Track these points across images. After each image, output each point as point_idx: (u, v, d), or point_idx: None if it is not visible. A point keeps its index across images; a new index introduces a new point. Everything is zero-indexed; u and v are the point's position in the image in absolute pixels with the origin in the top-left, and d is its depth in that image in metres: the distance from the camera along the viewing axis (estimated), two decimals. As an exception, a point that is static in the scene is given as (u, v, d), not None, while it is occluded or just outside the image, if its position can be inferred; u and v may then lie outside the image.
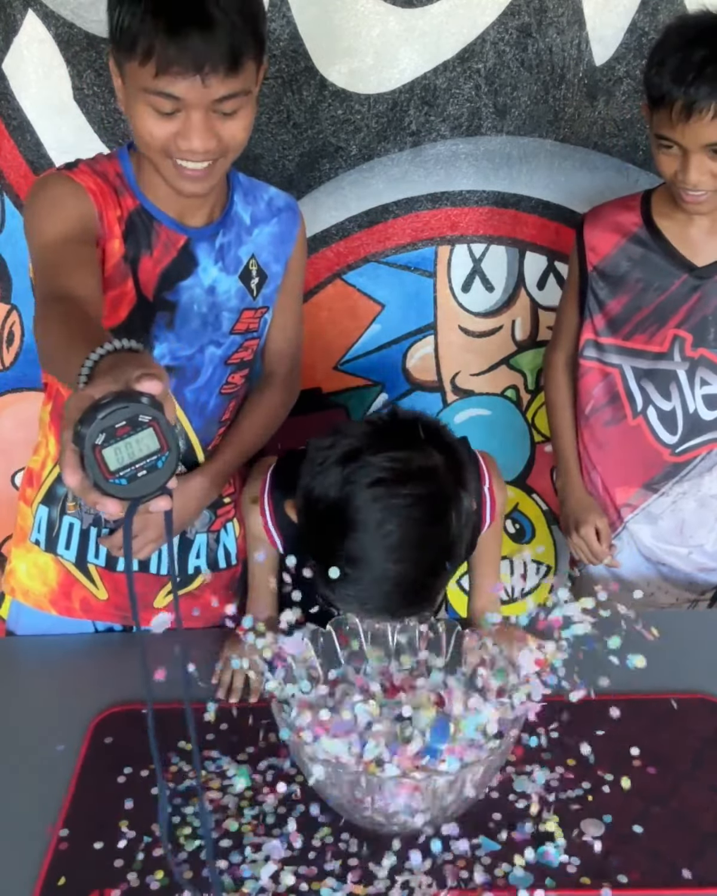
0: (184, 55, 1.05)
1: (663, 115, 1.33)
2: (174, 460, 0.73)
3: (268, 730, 1.18)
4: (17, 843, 1.03)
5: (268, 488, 1.28)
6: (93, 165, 1.24)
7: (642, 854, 1.01)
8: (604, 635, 1.10)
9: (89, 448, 0.70)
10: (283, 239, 1.39)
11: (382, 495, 1.00)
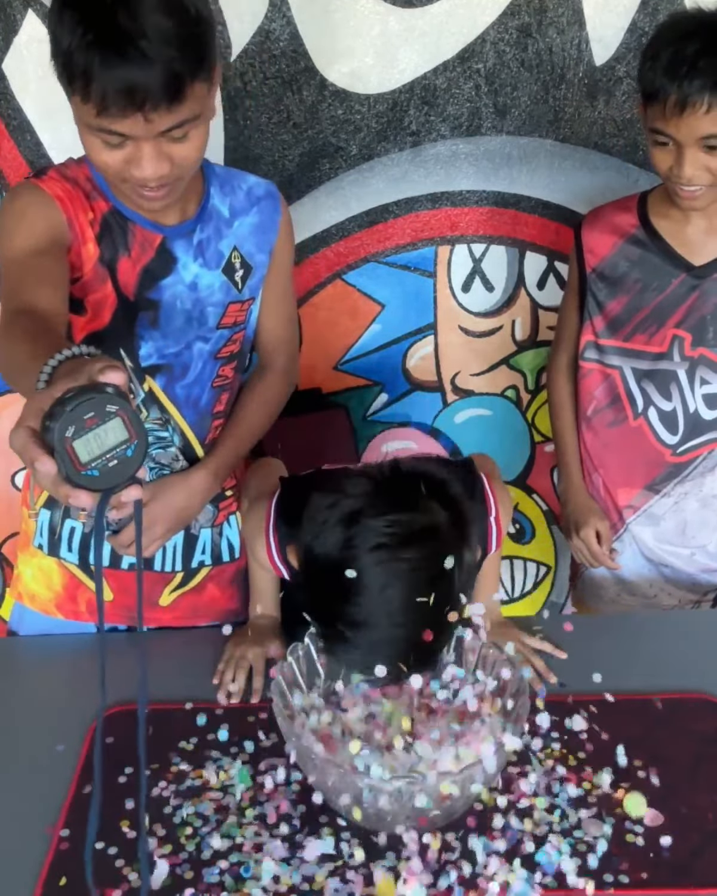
0: (120, 95, 1.01)
1: (656, 109, 1.33)
2: (143, 448, 0.75)
3: (269, 730, 1.19)
4: (17, 843, 1.03)
5: (272, 520, 1.26)
6: (63, 171, 1.23)
7: (642, 854, 1.01)
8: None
9: (60, 441, 0.71)
10: (264, 228, 1.37)
11: (383, 559, 0.98)
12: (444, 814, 1.00)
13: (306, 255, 1.83)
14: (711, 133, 1.30)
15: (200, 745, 1.17)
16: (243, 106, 1.70)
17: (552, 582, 2.19)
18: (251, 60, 1.66)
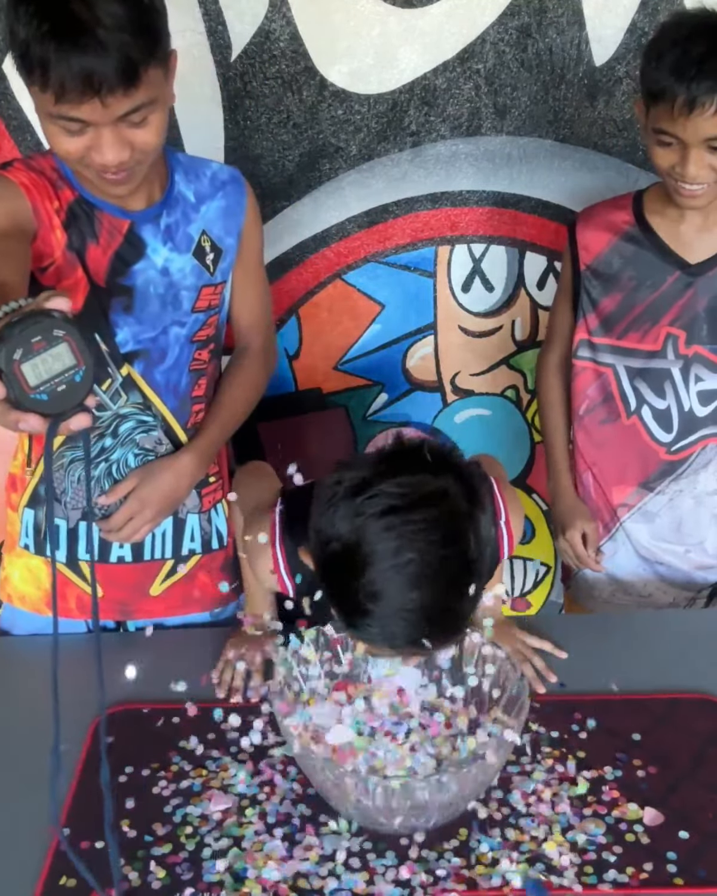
0: (77, 81, 1.03)
1: (662, 109, 1.32)
2: (90, 374, 0.76)
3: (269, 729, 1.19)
4: (18, 843, 1.03)
5: (279, 534, 1.24)
6: (28, 162, 1.25)
7: (642, 854, 1.01)
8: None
9: (7, 363, 0.72)
10: (231, 212, 1.38)
11: (395, 524, 0.96)
12: (444, 813, 1.00)
13: (306, 255, 1.83)
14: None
15: (201, 744, 1.17)
16: (243, 106, 1.70)
17: (552, 582, 2.19)
18: (251, 60, 1.66)
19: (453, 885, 0.97)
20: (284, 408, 1.91)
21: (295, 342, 1.90)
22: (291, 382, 1.92)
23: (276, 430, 1.58)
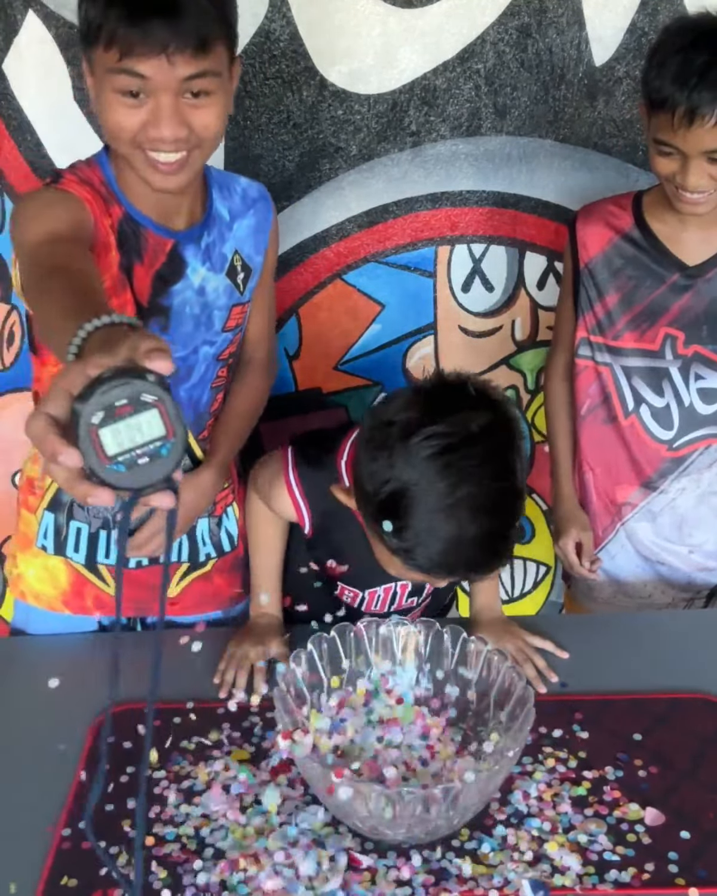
0: (147, 37, 1.04)
1: (663, 119, 1.31)
2: (180, 448, 0.66)
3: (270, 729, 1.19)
4: (19, 843, 1.03)
5: (291, 467, 1.27)
6: (78, 174, 1.21)
7: (643, 854, 1.01)
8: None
9: (85, 427, 0.63)
10: (260, 229, 1.39)
11: (451, 461, 1.01)
12: (447, 823, 1.00)
13: (306, 255, 1.83)
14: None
15: (201, 745, 1.17)
16: (243, 106, 1.69)
17: (552, 582, 2.19)
18: (251, 60, 1.66)
19: (455, 885, 0.97)
20: (285, 408, 1.91)
21: (295, 342, 1.90)
22: (291, 382, 1.92)
23: (276, 430, 1.58)
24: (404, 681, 1.18)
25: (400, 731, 1.14)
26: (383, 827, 0.98)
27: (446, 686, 1.17)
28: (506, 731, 1.07)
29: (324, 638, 1.15)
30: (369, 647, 1.18)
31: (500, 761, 0.98)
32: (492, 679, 1.12)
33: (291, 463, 1.29)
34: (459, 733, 1.14)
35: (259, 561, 1.41)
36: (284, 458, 1.30)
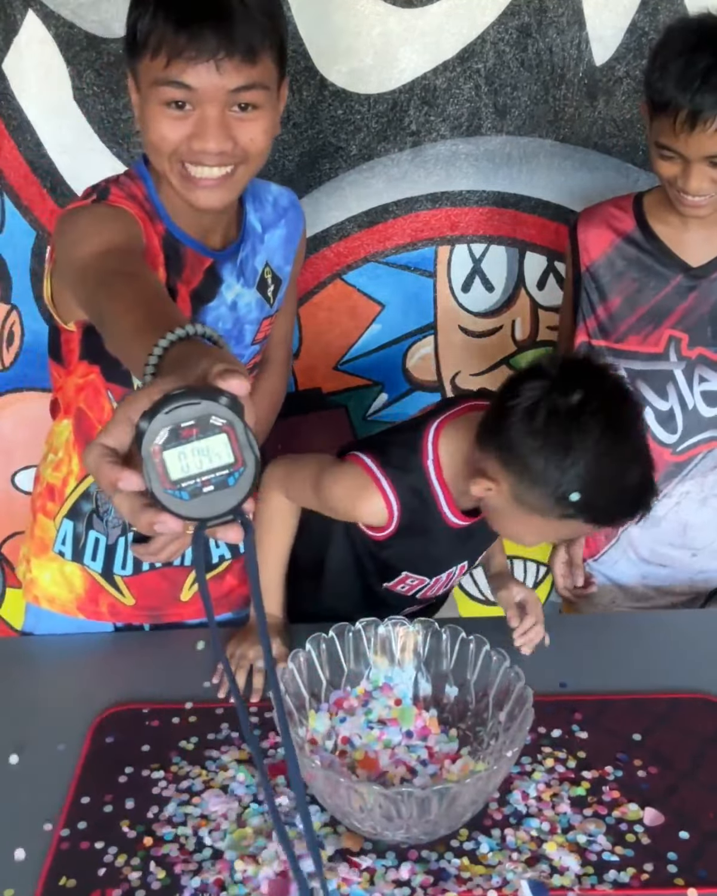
0: (197, 42, 1.02)
1: (664, 122, 1.31)
2: (250, 479, 0.61)
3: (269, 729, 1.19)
4: (18, 842, 1.03)
5: (380, 473, 1.27)
6: (123, 188, 1.18)
7: (642, 854, 1.01)
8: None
9: (147, 447, 0.58)
10: (290, 239, 1.38)
11: (616, 427, 1.13)
12: (446, 824, 0.99)
13: (306, 255, 1.83)
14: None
15: (201, 744, 1.17)
16: (243, 106, 1.69)
17: (552, 582, 2.19)
18: (251, 60, 1.66)
19: (453, 885, 0.97)
20: (285, 408, 1.91)
21: (295, 342, 1.90)
22: (291, 382, 1.92)
23: (276, 430, 1.58)
24: (403, 681, 1.18)
25: (399, 731, 1.14)
26: (382, 827, 0.97)
27: (444, 686, 1.17)
28: (505, 731, 1.07)
29: (323, 638, 1.15)
30: (368, 647, 1.18)
31: (499, 761, 0.98)
32: (491, 679, 1.12)
33: (377, 468, 1.27)
34: (457, 733, 1.14)
35: (270, 558, 1.39)
36: (365, 465, 1.28)
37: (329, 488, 1.31)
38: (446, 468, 1.26)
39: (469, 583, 2.23)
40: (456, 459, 1.26)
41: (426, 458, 1.27)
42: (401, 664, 1.18)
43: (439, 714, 1.16)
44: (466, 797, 0.95)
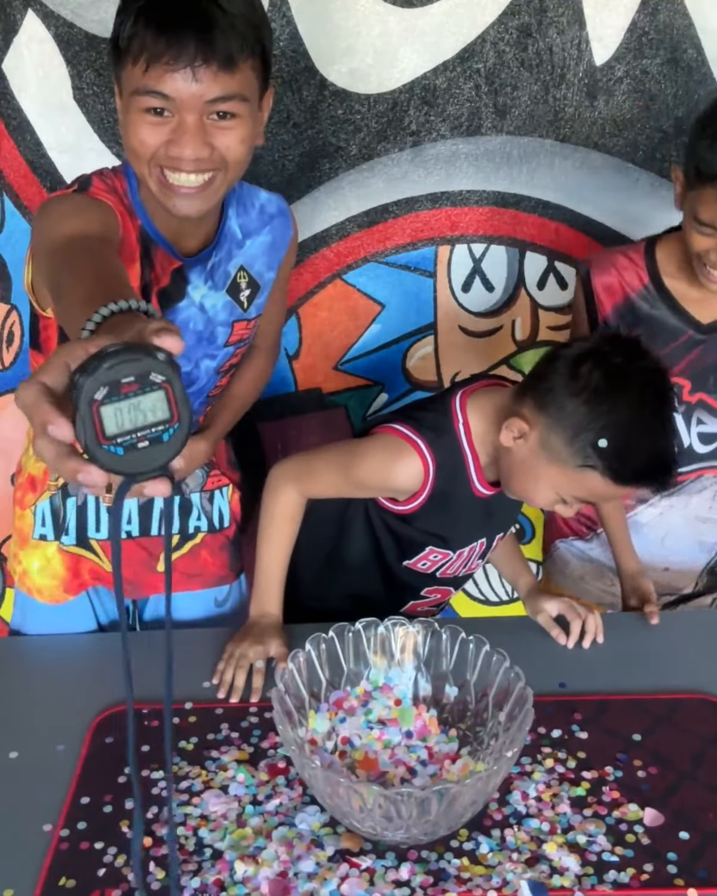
0: (174, 48, 1.03)
1: (707, 195, 1.26)
2: (183, 436, 0.61)
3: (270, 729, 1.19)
4: (17, 843, 1.03)
5: (416, 436, 1.30)
6: (105, 182, 1.20)
7: (642, 855, 1.01)
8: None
9: (86, 402, 0.58)
10: (275, 246, 1.38)
11: (654, 391, 1.19)
12: (446, 824, 0.99)
13: (306, 255, 1.83)
14: None
15: (201, 744, 1.17)
16: (243, 106, 1.69)
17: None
18: (251, 60, 1.66)
19: (453, 886, 0.97)
20: (284, 408, 1.91)
21: (295, 342, 1.90)
22: (291, 382, 1.92)
23: (276, 430, 1.58)
24: (403, 681, 1.18)
25: (399, 731, 1.14)
26: (382, 828, 0.97)
27: (444, 686, 1.17)
28: (505, 731, 1.07)
29: (322, 638, 1.15)
30: (368, 647, 1.18)
31: (498, 762, 0.98)
32: (491, 679, 1.12)
33: (411, 432, 1.31)
34: (457, 734, 1.14)
35: (272, 558, 1.39)
36: (398, 432, 1.32)
37: (362, 462, 1.33)
38: (475, 434, 1.31)
39: (469, 583, 2.23)
40: (483, 425, 1.31)
41: (457, 421, 1.31)
42: (401, 664, 1.18)
43: (439, 714, 1.16)
44: (465, 797, 0.95)
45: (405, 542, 1.41)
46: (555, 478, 1.22)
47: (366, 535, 1.43)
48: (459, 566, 1.45)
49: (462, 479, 1.32)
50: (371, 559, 1.45)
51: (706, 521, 1.62)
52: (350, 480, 1.34)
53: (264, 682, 1.27)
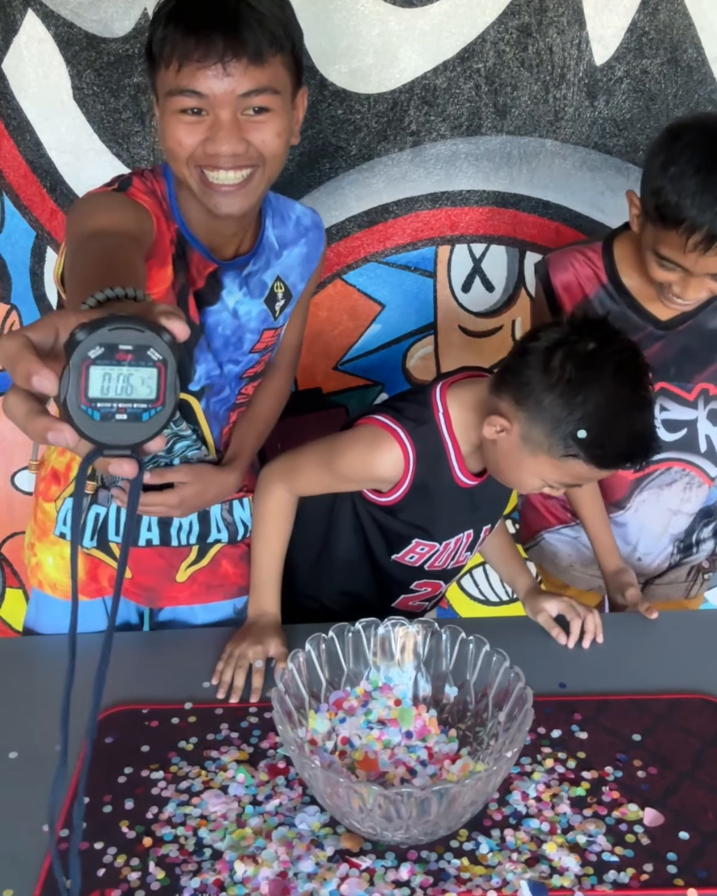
0: (203, 46, 1.05)
1: (671, 236, 1.25)
2: (163, 421, 0.60)
3: (269, 729, 1.19)
4: (17, 843, 1.03)
5: (397, 426, 1.31)
6: (146, 183, 1.22)
7: (642, 855, 1.01)
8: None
9: (79, 357, 0.57)
10: (310, 258, 1.40)
11: (627, 372, 1.19)
12: (445, 824, 0.99)
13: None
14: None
15: (200, 745, 1.17)
16: (243, 106, 1.69)
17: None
18: (251, 60, 1.66)
19: (453, 886, 0.97)
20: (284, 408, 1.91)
21: (295, 342, 1.90)
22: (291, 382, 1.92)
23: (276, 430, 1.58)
24: (403, 681, 1.18)
25: (398, 731, 1.14)
26: (382, 828, 0.97)
27: (444, 686, 1.17)
28: (505, 731, 1.07)
29: (322, 638, 1.15)
30: (368, 647, 1.18)
31: (498, 762, 0.98)
32: (490, 679, 1.12)
33: (391, 421, 1.32)
34: (457, 734, 1.14)
35: (266, 557, 1.40)
36: (379, 422, 1.33)
37: (343, 454, 1.35)
38: (456, 423, 1.32)
39: (469, 583, 2.23)
40: (463, 414, 1.31)
41: (437, 411, 1.32)
42: (401, 664, 1.18)
43: (439, 714, 1.16)
44: (465, 798, 0.95)
45: (392, 536, 1.41)
46: (539, 467, 1.23)
47: (354, 530, 1.44)
48: (446, 558, 1.45)
49: (444, 468, 1.33)
50: (361, 554, 1.45)
51: (676, 514, 1.64)
52: (334, 474, 1.35)
53: (264, 682, 1.27)
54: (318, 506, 1.44)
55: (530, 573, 1.53)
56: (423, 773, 1.10)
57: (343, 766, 1.10)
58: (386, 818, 0.95)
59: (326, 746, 1.12)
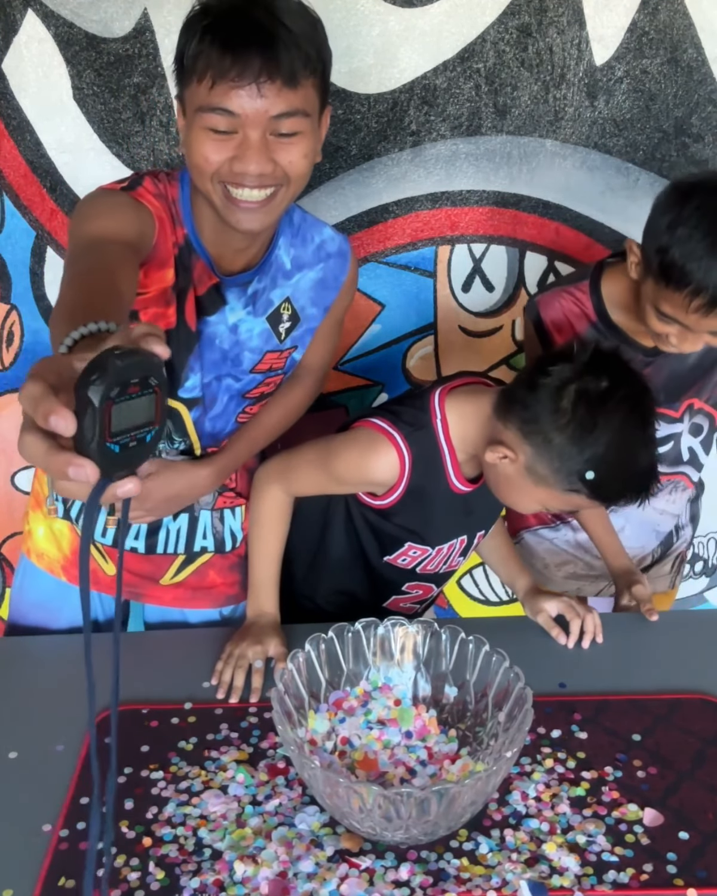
0: (239, 65, 1.04)
1: (674, 295, 1.25)
2: (159, 438, 0.64)
3: (269, 729, 1.19)
4: (17, 843, 1.03)
5: (393, 430, 1.31)
6: (157, 186, 1.21)
7: (642, 855, 1.01)
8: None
9: (102, 399, 0.58)
10: (326, 285, 1.36)
11: (639, 413, 1.18)
12: (445, 824, 0.99)
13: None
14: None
15: (200, 745, 1.17)
16: (243, 106, 1.69)
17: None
18: (251, 60, 1.66)
19: (452, 886, 0.97)
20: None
21: (295, 342, 1.90)
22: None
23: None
24: (403, 681, 1.18)
25: (398, 731, 1.14)
26: (381, 828, 0.97)
27: (444, 686, 1.17)
28: (504, 731, 1.07)
29: (322, 638, 1.15)
30: (368, 647, 1.18)
31: (498, 762, 0.98)
32: (490, 679, 1.12)
33: (388, 425, 1.32)
34: (457, 734, 1.14)
35: (263, 557, 1.40)
36: (376, 426, 1.32)
37: (339, 456, 1.34)
38: (453, 430, 1.31)
39: (469, 583, 2.23)
40: (462, 424, 1.31)
41: (435, 417, 1.32)
42: (400, 664, 1.18)
43: (439, 714, 1.16)
44: (465, 798, 0.95)
45: (385, 538, 1.41)
46: (541, 495, 1.24)
47: (347, 531, 1.44)
48: (439, 563, 1.45)
49: (439, 473, 1.33)
50: (353, 555, 1.45)
51: (662, 513, 1.66)
52: (330, 475, 1.35)
53: (264, 682, 1.27)
54: (313, 506, 1.44)
55: (529, 573, 1.53)
56: (423, 774, 1.10)
57: (343, 767, 1.10)
58: (386, 818, 0.95)
59: (326, 746, 1.12)
